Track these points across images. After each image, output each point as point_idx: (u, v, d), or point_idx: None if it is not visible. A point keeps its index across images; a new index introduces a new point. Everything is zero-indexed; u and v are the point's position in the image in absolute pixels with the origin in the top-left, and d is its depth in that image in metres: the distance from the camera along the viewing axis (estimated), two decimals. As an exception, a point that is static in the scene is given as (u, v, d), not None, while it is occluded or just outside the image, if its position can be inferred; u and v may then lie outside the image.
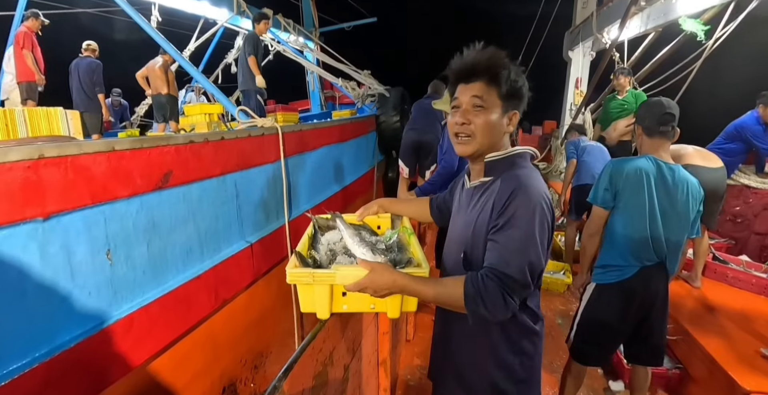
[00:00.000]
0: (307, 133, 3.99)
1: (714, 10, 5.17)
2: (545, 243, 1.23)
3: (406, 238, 1.75)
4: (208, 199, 2.65)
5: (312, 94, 10.86)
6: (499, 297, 1.16)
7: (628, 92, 5.84)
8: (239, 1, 7.74)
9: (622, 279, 2.31)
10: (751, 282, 4.00)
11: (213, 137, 2.69)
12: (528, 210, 1.19)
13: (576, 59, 8.86)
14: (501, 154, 1.34)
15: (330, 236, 1.77)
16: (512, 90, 1.28)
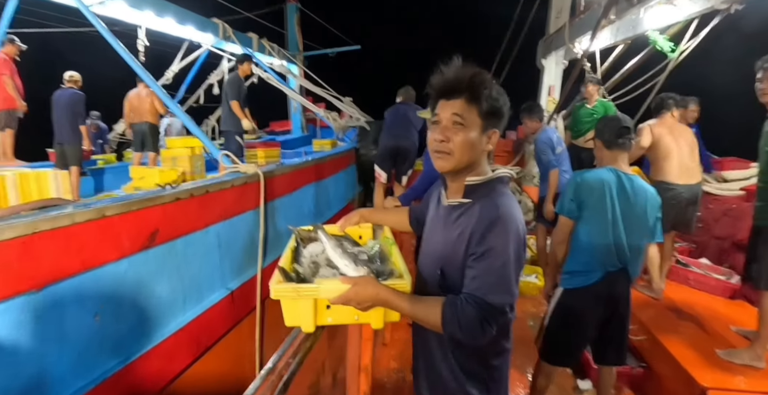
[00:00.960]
0: (288, 175, 4.15)
1: (679, 25, 5.49)
2: (519, 272, 1.30)
3: (388, 248, 1.78)
4: (192, 252, 2.79)
5: (293, 116, 11.01)
6: (477, 325, 1.19)
7: (597, 101, 6.12)
8: (225, 27, 7.88)
9: (587, 284, 2.47)
10: (710, 285, 4.25)
11: (198, 192, 2.84)
12: (506, 241, 1.23)
13: (549, 67, 9.13)
14: (482, 178, 1.36)
15: (312, 248, 1.77)
16: (493, 109, 1.30)
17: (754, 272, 2.97)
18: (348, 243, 1.82)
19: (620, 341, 2.65)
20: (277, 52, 9.19)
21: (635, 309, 3.65)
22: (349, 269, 1.55)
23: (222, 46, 8.29)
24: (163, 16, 6.38)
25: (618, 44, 6.89)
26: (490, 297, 1.21)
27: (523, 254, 1.30)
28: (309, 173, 4.75)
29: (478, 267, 1.24)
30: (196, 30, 7.34)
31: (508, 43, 10.69)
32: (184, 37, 7.80)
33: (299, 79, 9.16)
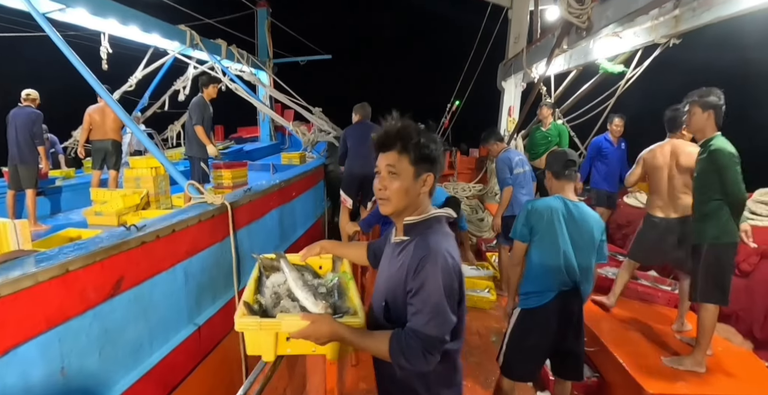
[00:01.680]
0: (257, 202, 4.15)
1: (625, 54, 6.01)
2: (454, 301, 1.42)
3: (346, 283, 1.91)
4: (158, 294, 2.80)
5: (262, 124, 10.92)
6: (420, 356, 1.35)
7: (551, 124, 6.51)
8: (192, 34, 7.74)
9: (541, 304, 2.69)
10: (657, 296, 4.52)
11: (164, 233, 2.84)
12: (436, 275, 1.36)
13: (509, 89, 9.61)
14: (418, 218, 1.51)
15: (275, 279, 1.88)
16: (422, 156, 1.45)
17: (691, 285, 3.34)
18: (309, 273, 1.99)
19: (577, 357, 2.83)
20: (246, 59, 9.09)
21: (589, 321, 3.83)
22: (309, 303, 1.69)
23: (189, 53, 8.15)
24: (128, 24, 6.24)
25: (571, 70, 7.33)
26: (429, 330, 1.35)
27: (455, 283, 1.42)
28: (277, 196, 4.76)
29: (416, 303, 1.38)
30: (162, 37, 7.18)
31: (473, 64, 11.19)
32: (150, 44, 7.64)
33: (268, 88, 9.10)
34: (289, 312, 1.67)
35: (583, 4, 4.75)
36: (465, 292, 1.52)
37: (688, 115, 3.24)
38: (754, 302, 4.07)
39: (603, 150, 6.00)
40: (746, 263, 4.20)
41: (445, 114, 11.73)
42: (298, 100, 8.58)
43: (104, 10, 5.59)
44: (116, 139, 6.33)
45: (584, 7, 4.76)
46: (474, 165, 11.14)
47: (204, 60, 8.44)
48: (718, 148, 3.07)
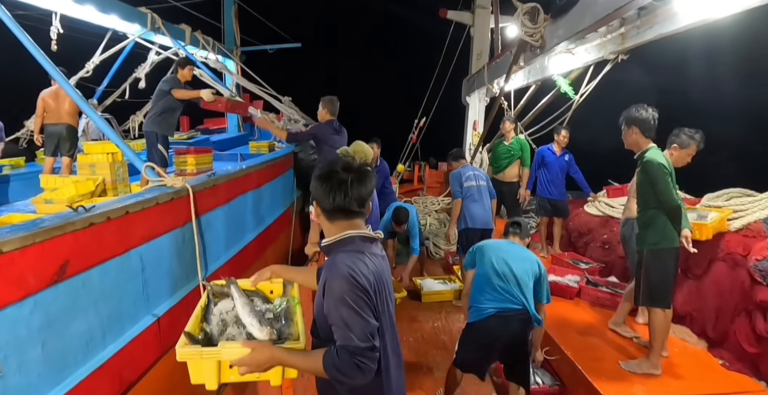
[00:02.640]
0: (222, 186, 3.92)
1: (578, 70, 6.46)
2: (367, 306, 1.52)
3: (294, 307, 1.96)
4: (110, 281, 2.54)
5: (229, 114, 10.60)
6: (353, 367, 1.44)
7: (513, 138, 6.80)
8: (154, 17, 7.37)
9: (479, 319, 3.13)
10: (617, 301, 4.58)
11: (116, 214, 2.58)
12: (339, 288, 1.49)
13: (473, 104, 9.97)
14: (330, 240, 1.67)
15: (223, 305, 1.93)
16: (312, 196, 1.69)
17: (635, 290, 3.56)
18: (259, 299, 2.06)
19: (522, 371, 3.26)
20: (212, 46, 8.75)
21: (549, 329, 4.08)
22: (254, 328, 1.78)
23: (150, 38, 7.77)
24: (83, 3, 5.86)
25: (530, 85, 7.75)
26: (354, 341, 1.45)
27: (359, 292, 1.51)
28: (244, 182, 4.53)
29: (334, 320, 1.51)
30: (121, 19, 6.79)
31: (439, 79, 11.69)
32: (108, 27, 7.25)
33: (236, 77, 8.79)
34: (235, 340, 1.75)
35: (536, 23, 5.03)
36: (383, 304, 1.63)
37: (623, 133, 3.51)
38: (706, 303, 4.24)
39: (545, 158, 6.41)
40: (697, 266, 4.38)
41: (413, 129, 11.82)
42: (267, 89, 8.32)
43: (56, -14, 5.22)
44: (72, 123, 5.87)
45: (537, 26, 5.04)
46: (443, 179, 11.33)
47: (167, 46, 8.09)
48: (648, 160, 3.28)
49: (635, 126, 3.37)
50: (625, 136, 3.47)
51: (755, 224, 4.15)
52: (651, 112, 3.38)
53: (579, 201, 7.06)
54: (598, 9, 4.09)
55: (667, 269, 3.38)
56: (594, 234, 6.35)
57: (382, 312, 1.63)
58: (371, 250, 1.66)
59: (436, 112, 11.79)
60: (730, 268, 4.10)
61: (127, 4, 6.75)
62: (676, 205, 3.27)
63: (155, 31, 7.33)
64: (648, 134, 3.38)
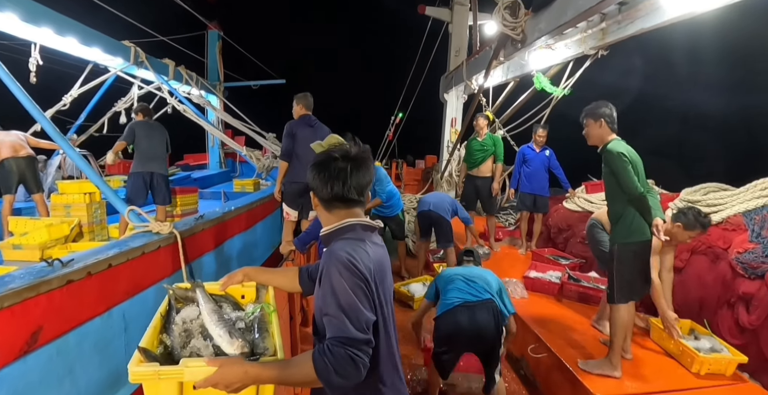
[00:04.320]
0: (211, 230, 3.63)
1: (557, 67, 6.37)
2: (365, 297, 1.37)
3: (268, 315, 1.69)
4: (90, 345, 2.23)
5: (211, 150, 10.28)
6: (349, 362, 1.25)
7: (486, 134, 6.70)
8: (137, 51, 7.15)
9: (445, 310, 3.13)
10: (599, 296, 4.47)
11: (97, 268, 2.29)
12: (336, 277, 1.34)
13: (451, 101, 9.81)
14: (329, 228, 1.54)
15: (187, 313, 1.64)
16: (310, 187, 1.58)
17: (608, 288, 3.40)
18: (228, 305, 1.77)
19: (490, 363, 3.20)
20: (196, 81, 8.54)
21: (533, 326, 4.06)
22: (223, 341, 1.49)
23: (133, 72, 7.52)
24: (65, 35, 5.61)
25: (509, 82, 7.59)
26: (350, 332, 1.28)
27: (359, 281, 1.36)
28: (234, 224, 4.25)
29: (327, 309, 1.34)
30: (104, 52, 6.55)
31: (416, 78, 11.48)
32: (89, 60, 6.99)
33: (219, 112, 8.56)
34: (201, 354, 1.46)
35: (517, 17, 4.93)
36: (384, 296, 1.48)
37: (585, 129, 3.38)
38: (689, 296, 4.18)
39: (526, 156, 6.44)
40: (678, 259, 4.28)
41: (389, 126, 11.67)
42: (251, 125, 8.10)
43: (37, 18, 4.93)
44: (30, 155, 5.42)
45: (518, 20, 4.94)
46: (420, 176, 11.18)
47: (149, 80, 7.84)
48: (609, 150, 3.18)
49: (603, 119, 3.29)
50: (591, 129, 3.34)
51: (735, 217, 4.14)
52: (614, 109, 3.33)
53: (558, 197, 6.96)
54: (579, 3, 4.02)
55: (638, 263, 3.27)
56: (573, 229, 6.27)
57: (381, 305, 1.46)
58: (372, 239, 1.54)
59: (413, 109, 11.56)
60: (711, 261, 4.06)
61: (111, 38, 6.49)
62: (638, 193, 3.12)
63: (138, 65, 7.06)
64: (612, 127, 3.29)
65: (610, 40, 4.52)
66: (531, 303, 4.66)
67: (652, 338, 3.88)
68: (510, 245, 6.97)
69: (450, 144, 9.40)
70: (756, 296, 3.49)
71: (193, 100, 8.00)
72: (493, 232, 6.80)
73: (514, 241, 6.97)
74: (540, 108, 7.77)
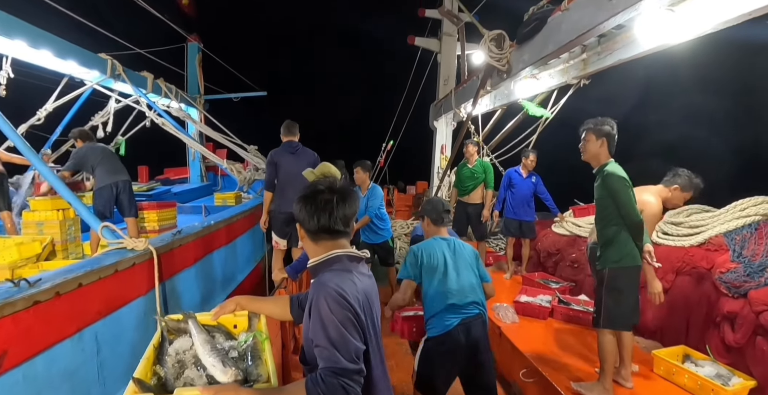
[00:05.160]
0: (188, 246, 3.55)
1: (542, 95, 6.63)
2: (354, 328, 1.43)
3: (261, 343, 1.75)
4: (59, 369, 2.14)
5: (192, 164, 10.16)
6: (339, 390, 1.31)
7: (476, 161, 6.84)
8: (114, 63, 7.06)
9: (446, 331, 2.94)
10: (589, 319, 4.40)
11: (67, 288, 2.21)
12: (326, 307, 1.40)
13: (440, 128, 10.06)
14: (316, 259, 1.62)
15: (180, 344, 1.69)
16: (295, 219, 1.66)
17: (594, 311, 3.40)
18: (221, 335, 1.82)
19: (488, 380, 3.09)
20: (175, 94, 8.46)
21: (524, 349, 4.06)
22: (217, 370, 1.54)
23: (110, 85, 7.42)
24: (39, 48, 5.52)
25: (497, 109, 7.87)
26: (341, 362, 1.34)
27: (348, 313, 1.43)
28: (212, 239, 4.17)
29: (319, 340, 1.39)
30: (80, 65, 6.45)
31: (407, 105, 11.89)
32: (64, 73, 6.88)
33: (199, 125, 8.47)
34: (194, 384, 1.50)
35: (503, 49, 5.18)
36: (373, 324, 1.55)
37: (584, 142, 3.37)
38: (675, 316, 4.27)
39: (513, 180, 6.49)
40: (664, 280, 4.32)
41: (381, 153, 11.79)
42: (232, 138, 8.03)
43: (11, 30, 4.86)
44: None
45: (503, 51, 5.19)
46: (411, 202, 11.32)
47: (127, 93, 7.74)
48: (610, 173, 3.18)
49: (605, 139, 3.28)
50: (590, 145, 3.32)
51: (716, 238, 4.24)
52: (616, 130, 3.33)
53: (546, 222, 7.07)
54: (560, 36, 4.23)
55: (629, 288, 3.25)
56: (563, 253, 6.37)
57: (370, 335, 1.53)
58: (359, 270, 1.60)
59: (403, 136, 11.93)
60: (696, 282, 4.17)
61: (87, 50, 6.40)
62: (638, 220, 3.14)
63: (115, 77, 6.98)
64: (611, 149, 3.31)
65: (591, 70, 4.74)
66: (521, 328, 4.68)
67: (657, 372, 3.73)
68: (499, 270, 7.04)
69: (440, 170, 9.62)
70: (740, 314, 3.56)
71: (172, 113, 7.90)
72: (483, 257, 6.78)
73: (502, 266, 7.04)
74: (527, 134, 8.05)
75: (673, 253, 4.43)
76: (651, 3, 3.17)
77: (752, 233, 4.02)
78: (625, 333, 3.32)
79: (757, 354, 3.43)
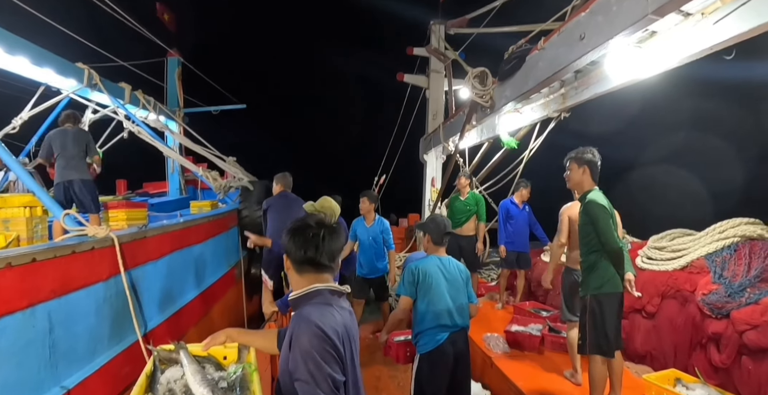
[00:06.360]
0: (155, 239, 3.55)
1: (525, 129, 6.97)
2: (334, 360, 1.49)
3: (250, 375, 1.81)
4: (6, 343, 2.11)
5: (171, 176, 10.14)
6: None
7: (469, 193, 6.98)
8: (91, 73, 7.11)
9: (437, 345, 3.15)
10: None
11: (19, 261, 2.20)
12: (306, 345, 1.47)
13: (430, 161, 10.42)
14: (298, 292, 1.67)
15: (171, 373, 1.76)
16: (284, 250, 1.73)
17: (580, 338, 3.46)
18: (211, 366, 1.89)
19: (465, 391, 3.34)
20: (154, 107, 8.51)
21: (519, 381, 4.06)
22: None
23: (87, 95, 7.45)
24: (15, 55, 5.57)
25: (483, 142, 8.24)
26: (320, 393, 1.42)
27: (326, 345, 1.49)
28: (181, 236, 4.17)
29: (300, 374, 1.45)
30: (56, 74, 6.49)
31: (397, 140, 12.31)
32: (41, 81, 6.90)
33: (178, 137, 8.50)
34: None
35: (486, 85, 5.51)
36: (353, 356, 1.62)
37: (568, 171, 3.56)
38: (663, 340, 4.33)
39: (510, 212, 6.61)
40: (650, 305, 4.50)
41: (373, 187, 12.06)
42: (211, 150, 8.07)
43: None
44: None
45: (486, 88, 5.52)
46: (404, 235, 11.46)
47: (105, 104, 7.77)
48: (590, 200, 3.34)
49: (587, 166, 3.44)
50: (573, 174, 3.50)
51: (698, 261, 4.38)
52: (599, 158, 3.50)
53: (536, 251, 7.19)
54: (539, 72, 4.47)
55: (610, 314, 3.31)
56: (553, 282, 6.28)
57: (349, 367, 1.58)
58: (339, 304, 1.67)
59: (395, 169, 12.23)
60: (680, 305, 4.25)
61: (64, 59, 6.45)
62: (617, 247, 3.24)
63: (92, 87, 7.03)
64: (594, 177, 3.47)
65: (570, 103, 5.04)
66: (513, 357, 4.74)
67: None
68: (491, 300, 7.11)
69: (431, 202, 9.89)
70: (724, 335, 3.65)
71: (150, 124, 7.91)
72: (475, 289, 6.76)
73: (494, 296, 7.12)
74: (514, 166, 8.35)
75: (658, 278, 4.54)
76: (619, 41, 3.34)
77: (731, 254, 4.17)
78: (614, 359, 3.37)
79: (744, 374, 3.49)
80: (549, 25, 4.96)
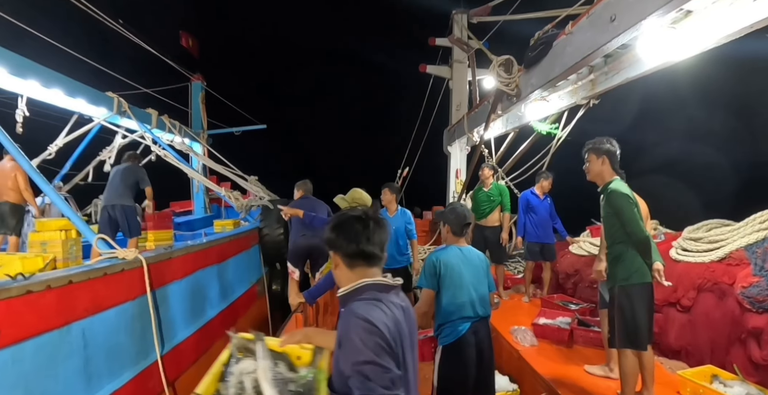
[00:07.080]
0: (180, 259, 3.80)
1: (553, 116, 6.77)
2: (386, 354, 1.43)
3: (319, 382, 1.72)
4: (45, 357, 2.36)
5: (196, 196, 10.56)
6: None
7: (492, 184, 6.91)
8: (120, 101, 7.53)
9: (459, 337, 3.08)
10: None
11: (57, 283, 2.46)
12: (356, 340, 1.41)
13: (454, 153, 10.26)
14: (346, 288, 1.64)
15: (244, 365, 1.73)
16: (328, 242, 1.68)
17: (609, 331, 3.38)
18: (284, 365, 1.83)
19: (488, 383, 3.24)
20: (179, 130, 8.91)
21: (547, 375, 3.96)
22: None
23: (117, 121, 7.88)
24: (51, 87, 5.98)
25: (509, 132, 8.09)
26: (376, 390, 1.35)
27: (379, 340, 1.44)
28: (205, 256, 4.42)
29: (352, 371, 1.40)
30: (88, 103, 6.93)
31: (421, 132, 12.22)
32: (74, 110, 7.34)
33: (202, 158, 8.87)
34: None
35: (511, 73, 5.34)
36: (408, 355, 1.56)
37: (587, 163, 3.49)
38: (699, 335, 4.15)
39: (531, 203, 6.47)
40: (686, 298, 4.32)
41: (396, 179, 12.08)
42: (233, 169, 8.39)
43: (25, 71, 5.32)
44: (15, 201, 5.85)
45: (512, 76, 5.35)
46: (428, 227, 11.35)
47: (133, 129, 8.19)
48: (613, 190, 3.26)
49: (606, 156, 3.36)
50: (592, 165, 3.42)
51: (737, 252, 4.16)
52: (617, 147, 3.42)
53: (563, 243, 7.00)
54: (567, 58, 4.32)
55: (639, 306, 3.20)
56: (581, 274, 6.30)
57: (404, 361, 1.54)
58: (389, 298, 1.60)
59: (418, 162, 12.20)
60: (718, 298, 4.05)
61: (95, 89, 6.86)
62: (643, 236, 3.16)
63: (121, 114, 7.46)
64: (615, 166, 3.39)
65: (600, 89, 4.88)
66: (541, 351, 4.65)
67: (683, 394, 3.60)
68: (517, 293, 7.02)
69: (455, 194, 9.77)
70: (766, 330, 3.48)
71: (176, 147, 8.30)
72: (502, 281, 6.85)
73: (520, 289, 7.04)
74: (540, 156, 8.17)
75: (694, 270, 4.34)
76: (652, 22, 3.21)
77: (774, 246, 3.98)
78: (645, 353, 3.27)
79: (786, 371, 3.33)
80: (576, 9, 4.68)
